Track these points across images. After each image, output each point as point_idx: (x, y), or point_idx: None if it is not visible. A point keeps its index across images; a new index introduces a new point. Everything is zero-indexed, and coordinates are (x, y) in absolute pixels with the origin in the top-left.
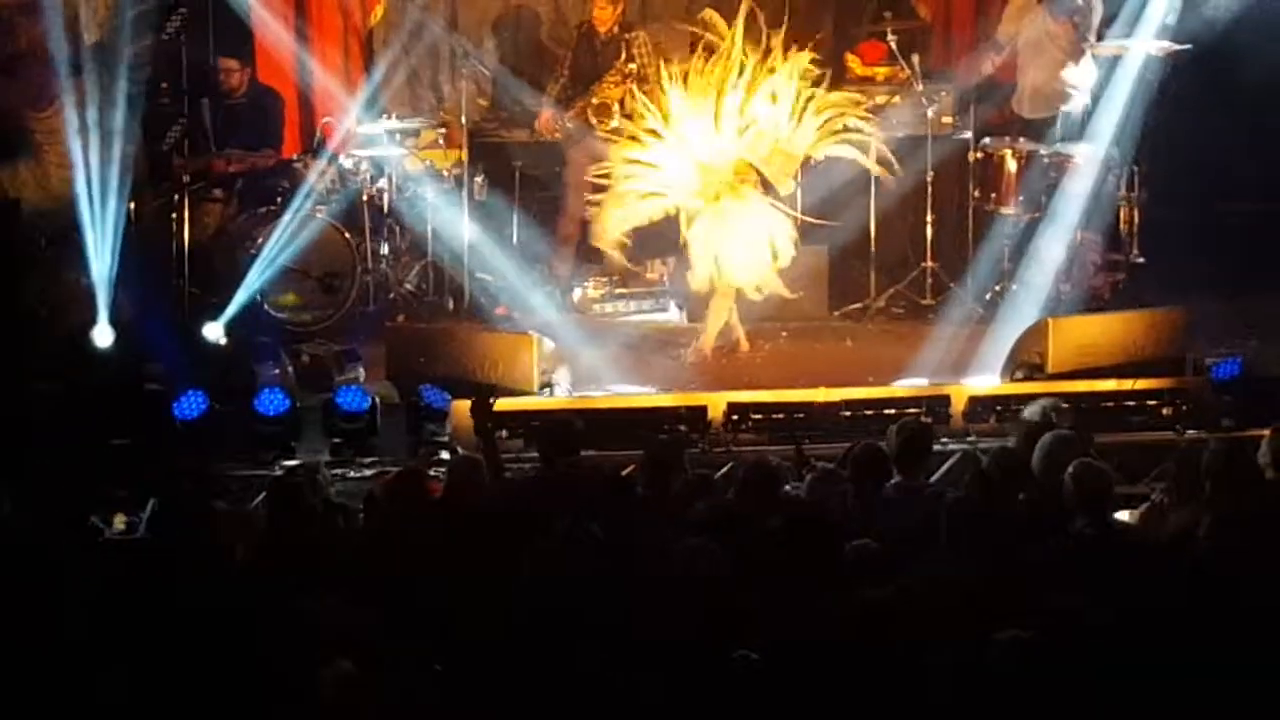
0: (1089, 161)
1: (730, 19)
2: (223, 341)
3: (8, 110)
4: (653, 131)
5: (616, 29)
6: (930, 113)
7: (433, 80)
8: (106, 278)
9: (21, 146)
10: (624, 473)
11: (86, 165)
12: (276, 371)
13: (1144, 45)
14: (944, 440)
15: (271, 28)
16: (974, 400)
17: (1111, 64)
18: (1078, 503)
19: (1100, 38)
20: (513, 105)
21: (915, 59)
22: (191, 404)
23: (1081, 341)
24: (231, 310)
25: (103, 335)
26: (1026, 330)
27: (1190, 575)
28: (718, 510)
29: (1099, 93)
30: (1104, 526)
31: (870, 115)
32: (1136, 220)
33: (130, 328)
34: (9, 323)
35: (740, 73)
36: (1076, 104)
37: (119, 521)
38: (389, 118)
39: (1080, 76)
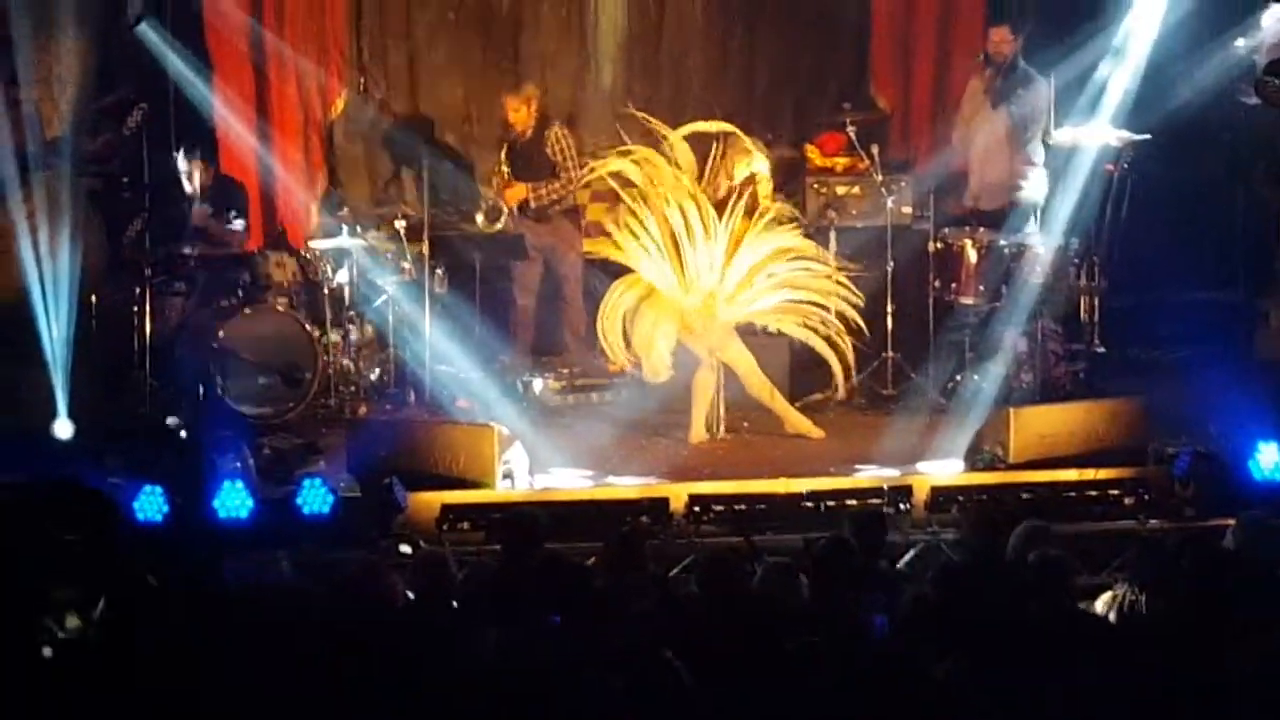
0: (1049, 251)
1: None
2: (183, 434)
3: None
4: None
5: (531, 131)
6: (890, 203)
7: (393, 173)
8: (65, 371)
9: None
10: (586, 564)
11: (45, 259)
12: (237, 464)
13: (1102, 135)
14: (906, 531)
15: (232, 123)
16: (936, 490)
17: (1070, 153)
18: (1039, 591)
19: (1057, 126)
20: (455, 200)
21: (875, 150)
22: (151, 504)
23: (1043, 431)
24: (192, 404)
25: (63, 428)
26: (988, 420)
27: (1157, 661)
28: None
29: (1056, 182)
30: (1067, 614)
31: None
32: (1097, 310)
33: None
34: None
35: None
36: (1029, 195)
37: (71, 621)
38: (349, 211)
39: (1030, 169)
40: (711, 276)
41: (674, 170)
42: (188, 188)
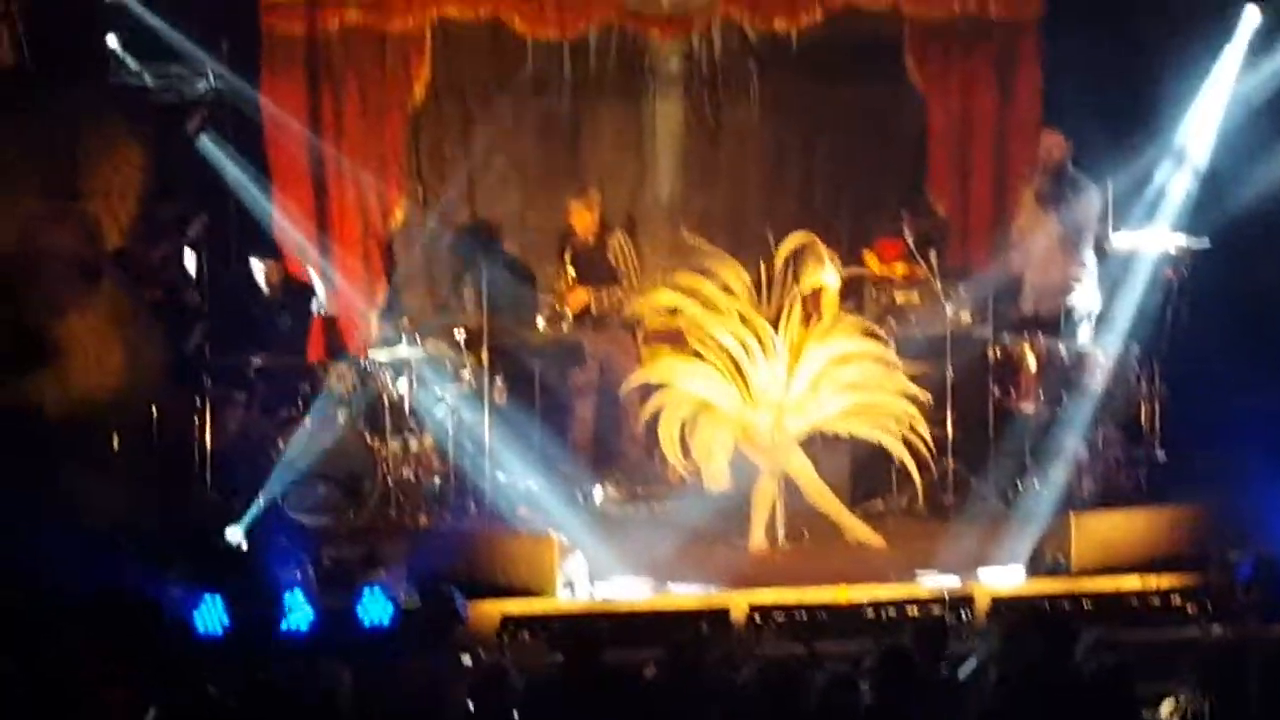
0: (1109, 357)
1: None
2: (244, 545)
3: (29, 318)
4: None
5: (594, 236)
6: (949, 310)
7: (453, 282)
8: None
9: (43, 355)
10: (645, 673)
11: (107, 369)
12: (298, 574)
13: (1161, 240)
14: (968, 640)
15: (292, 233)
16: (997, 600)
17: (1129, 258)
18: (1102, 699)
19: (1115, 231)
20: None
21: (933, 256)
22: (211, 614)
23: (1105, 538)
24: (252, 514)
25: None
26: (1050, 527)
27: None
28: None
29: (1115, 288)
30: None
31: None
32: (1159, 415)
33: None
34: (36, 522)
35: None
36: (1081, 301)
37: None
38: (409, 320)
39: (1082, 272)
40: (776, 390)
41: (726, 295)
42: (264, 289)
